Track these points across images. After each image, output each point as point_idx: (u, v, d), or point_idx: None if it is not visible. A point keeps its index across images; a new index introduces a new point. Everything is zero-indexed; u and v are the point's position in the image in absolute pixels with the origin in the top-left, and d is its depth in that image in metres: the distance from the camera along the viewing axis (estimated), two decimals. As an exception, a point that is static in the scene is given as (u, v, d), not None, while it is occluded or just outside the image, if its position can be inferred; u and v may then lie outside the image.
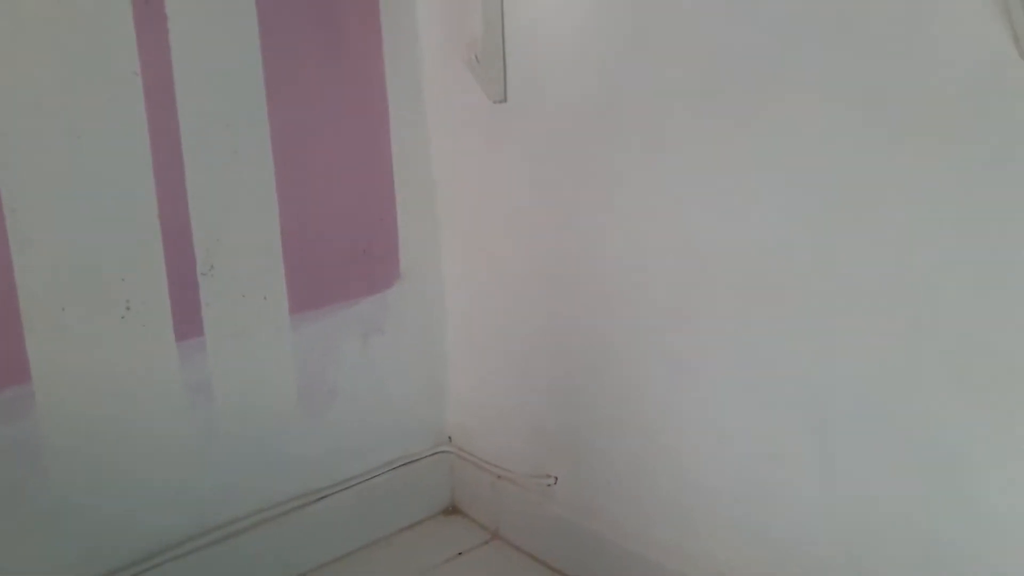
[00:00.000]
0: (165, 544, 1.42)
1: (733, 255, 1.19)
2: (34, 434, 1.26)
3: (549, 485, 1.56)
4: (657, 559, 1.38)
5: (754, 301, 1.18)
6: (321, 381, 1.59)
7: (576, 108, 1.37)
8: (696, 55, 1.18)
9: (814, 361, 1.12)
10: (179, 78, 1.34)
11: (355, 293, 1.62)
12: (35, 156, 1.22)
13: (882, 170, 1.00)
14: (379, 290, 1.66)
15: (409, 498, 1.73)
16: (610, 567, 1.46)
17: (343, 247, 1.60)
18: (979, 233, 0.93)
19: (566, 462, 1.53)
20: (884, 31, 0.97)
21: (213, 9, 1.37)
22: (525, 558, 1.60)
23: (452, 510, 1.79)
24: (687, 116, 1.21)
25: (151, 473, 1.39)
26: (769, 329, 1.17)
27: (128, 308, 1.33)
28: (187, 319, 1.40)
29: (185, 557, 1.42)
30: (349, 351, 1.62)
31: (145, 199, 1.33)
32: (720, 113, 1.16)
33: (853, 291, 1.06)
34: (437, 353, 1.77)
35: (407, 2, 1.62)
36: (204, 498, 1.45)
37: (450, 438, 1.81)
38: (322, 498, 1.60)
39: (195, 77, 1.36)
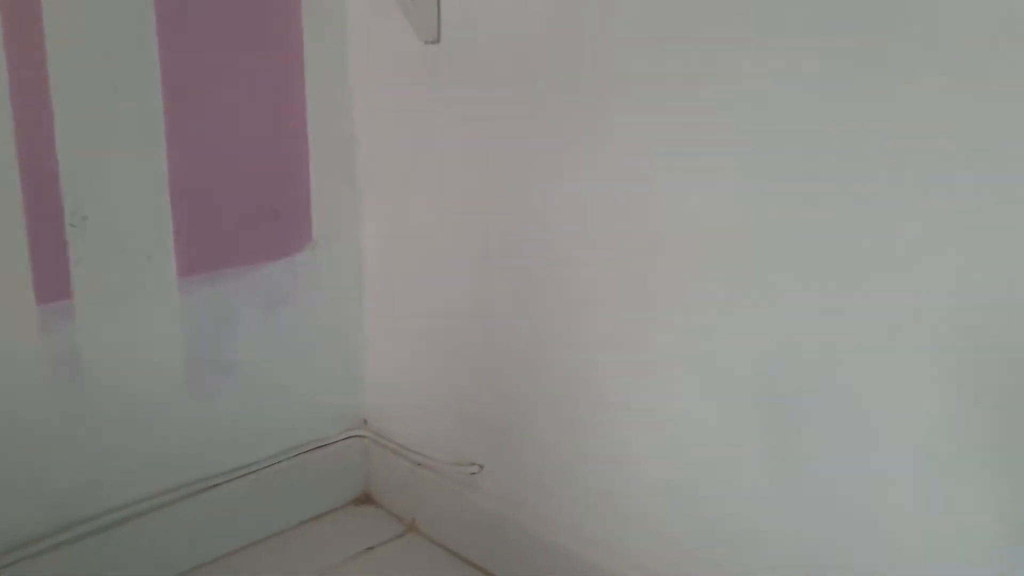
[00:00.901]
0: (16, 542, 1.21)
1: (688, 226, 1.07)
2: None
3: (473, 474, 1.42)
4: (589, 556, 1.25)
5: (711, 275, 1.06)
6: (214, 355, 1.39)
7: (517, 51, 1.22)
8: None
9: (771, 345, 1.02)
10: (45, -12, 1.13)
11: (259, 256, 1.43)
12: None
13: (848, 148, 0.90)
14: (287, 254, 1.47)
15: (316, 487, 1.56)
16: (536, 564, 1.33)
17: (246, 204, 1.40)
18: (953, 214, 0.84)
19: (493, 449, 1.40)
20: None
21: (89, -90, 1.16)
22: (443, 553, 1.46)
23: (365, 499, 1.62)
24: (646, 67, 1.07)
25: (2, 460, 1.18)
26: (724, 311, 1.06)
27: (-25, 262, 1.12)
28: (51, 278, 1.19)
29: (41, 556, 1.22)
30: (249, 322, 1.43)
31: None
32: (681, 59, 1.03)
33: (813, 273, 0.96)
34: (353, 327, 1.60)
35: (326, -78, 1.43)
36: (66, 489, 1.25)
37: (365, 421, 1.64)
38: (210, 487, 1.41)
39: (65, -11, 1.15)
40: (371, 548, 1.46)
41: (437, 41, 1.32)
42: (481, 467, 1.41)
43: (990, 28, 0.80)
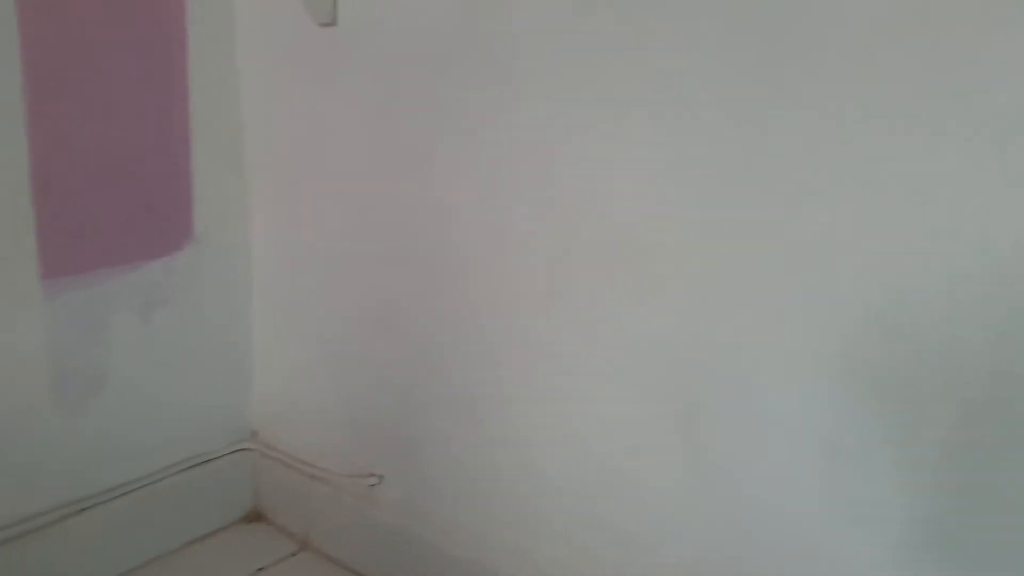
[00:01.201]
0: None
1: (598, 222, 1.05)
2: None
3: (372, 485, 1.36)
4: (497, 566, 1.22)
5: (619, 279, 1.05)
6: (84, 364, 1.28)
7: (422, 35, 1.17)
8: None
9: (682, 345, 1.01)
10: None
11: (134, 256, 1.32)
12: None
13: (768, 143, 0.90)
14: (166, 253, 1.36)
15: (202, 504, 1.46)
16: (441, 577, 1.27)
17: (119, 198, 1.29)
18: (859, 212, 0.86)
19: (393, 460, 1.35)
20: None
21: None
22: (340, 571, 1.39)
23: (255, 516, 1.53)
24: (555, 53, 1.04)
25: None
26: (633, 310, 1.05)
27: None
28: None
29: None
30: (123, 327, 1.32)
31: None
32: (596, 41, 1.00)
33: (725, 273, 0.96)
34: (239, 332, 1.50)
35: None
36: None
37: (255, 433, 1.54)
38: (83, 510, 1.29)
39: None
40: (262, 569, 1.38)
41: (333, 23, 1.26)
42: (380, 478, 1.36)
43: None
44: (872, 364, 0.88)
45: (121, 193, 1.29)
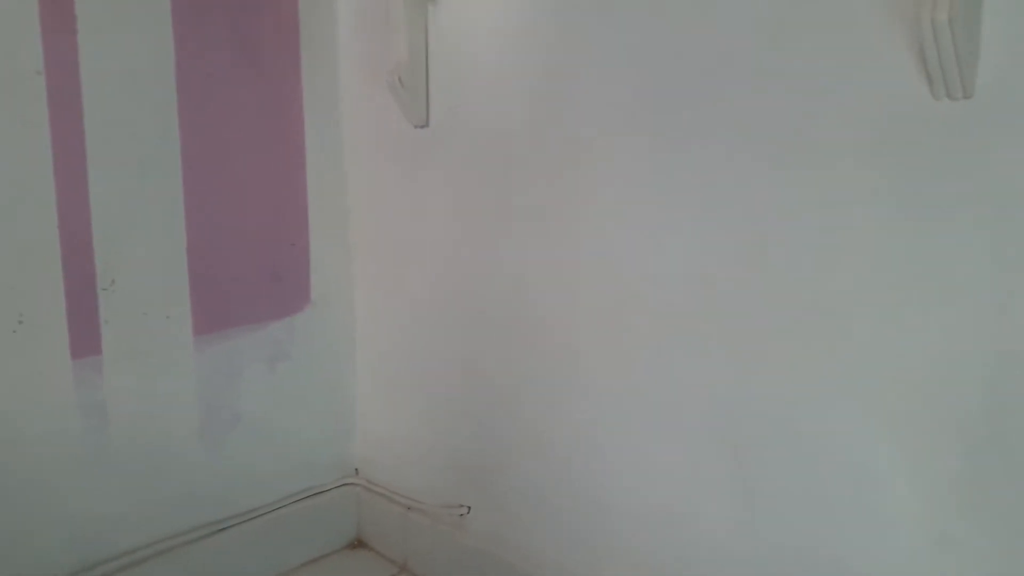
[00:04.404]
0: (44, 580, 1.30)
1: (652, 286, 1.21)
2: (-94, 453, 1.15)
3: (461, 515, 1.53)
4: None
5: (671, 330, 1.20)
6: (224, 407, 1.51)
7: (500, 136, 1.38)
8: (621, 88, 1.21)
9: (728, 387, 1.15)
10: (86, 81, 1.28)
11: (263, 316, 1.57)
12: (-77, 153, 1.14)
13: (803, 203, 1.04)
14: (288, 314, 1.61)
15: (313, 531, 1.66)
16: (522, 597, 1.43)
17: (253, 269, 1.55)
18: (888, 265, 0.98)
19: (479, 492, 1.51)
20: (806, 74, 1.02)
21: (126, 12, 1.32)
22: (435, 591, 1.56)
23: (358, 544, 1.73)
24: (611, 148, 1.23)
25: (35, 500, 1.28)
26: (685, 357, 1.19)
27: (20, 321, 1.24)
28: (84, 336, 1.31)
29: (67, 595, 1.31)
30: (254, 376, 1.56)
31: (44, 206, 1.26)
32: (644, 144, 1.19)
33: (766, 320, 1.09)
34: (346, 382, 1.73)
35: (327, 20, 1.61)
36: (92, 528, 1.35)
37: (357, 470, 1.75)
38: (221, 530, 1.51)
39: (103, 81, 1.30)
40: (367, 586, 1.57)
41: (426, 125, 1.49)
42: (469, 509, 1.53)
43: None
44: (893, 400, 1.00)
45: (255, 265, 1.54)
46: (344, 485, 1.72)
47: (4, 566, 1.26)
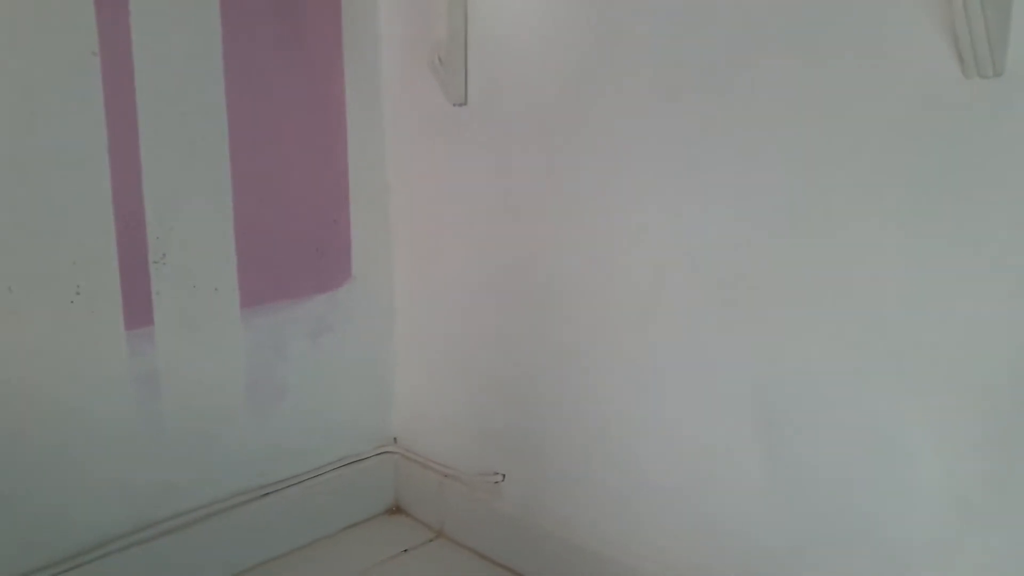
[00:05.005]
0: (103, 539, 1.37)
1: (686, 262, 1.24)
2: (-25, 417, 1.22)
3: (496, 483, 1.58)
4: (604, 552, 1.41)
5: (703, 305, 1.23)
6: (270, 377, 1.57)
7: (536, 113, 1.41)
8: (655, 64, 1.23)
9: (760, 361, 1.18)
10: (139, 62, 1.33)
11: (306, 291, 1.62)
12: (-12, 133, 1.20)
13: (835, 179, 1.06)
14: (330, 289, 1.66)
15: (353, 497, 1.72)
16: (556, 562, 1.48)
17: (297, 244, 1.60)
18: (924, 242, 1.00)
19: (513, 460, 1.56)
20: (839, 49, 1.03)
21: (176, -5, 1.37)
22: (470, 555, 1.62)
23: (396, 510, 1.79)
24: (647, 122, 1.26)
25: (92, 464, 1.35)
26: (717, 331, 1.22)
27: (78, 292, 1.30)
28: (137, 307, 1.38)
29: (123, 552, 1.38)
30: (298, 348, 1.62)
31: (99, 183, 1.31)
32: (679, 119, 1.22)
33: (799, 294, 1.12)
34: (385, 355, 1.78)
35: (369, 1, 1.65)
36: (146, 492, 1.42)
37: (395, 439, 1.81)
38: (266, 495, 1.58)
39: (155, 62, 1.35)
40: (406, 551, 1.62)
41: (464, 103, 1.52)
42: (503, 476, 1.58)
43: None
44: (924, 376, 1.04)
45: (298, 241, 1.60)
46: (383, 453, 1.77)
47: (66, 527, 1.33)
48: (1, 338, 1.24)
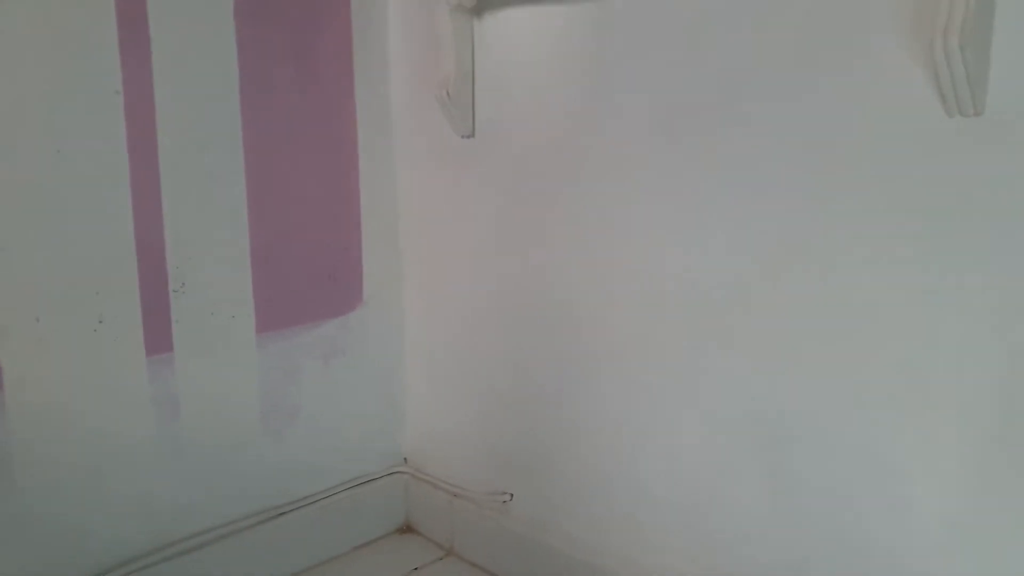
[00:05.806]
0: (124, 557, 1.42)
1: (686, 288, 1.28)
2: (4, 441, 1.27)
3: (505, 502, 1.62)
4: (611, 569, 1.44)
5: (704, 330, 1.27)
6: (283, 400, 1.62)
7: (541, 145, 1.46)
8: (655, 101, 1.28)
9: (759, 384, 1.21)
10: (160, 98, 1.39)
11: (320, 315, 1.67)
12: (15, 167, 1.25)
13: (827, 212, 1.11)
14: (342, 313, 1.71)
15: (365, 516, 1.76)
16: (564, 578, 1.52)
17: (310, 271, 1.65)
18: (912, 270, 1.04)
19: (522, 479, 1.60)
20: (826, 90, 1.08)
21: (195, 34, 1.42)
22: (480, 572, 1.65)
23: (406, 529, 1.83)
24: (646, 158, 1.30)
25: (115, 485, 1.40)
26: (718, 356, 1.26)
27: (101, 322, 1.35)
28: (157, 334, 1.43)
29: (143, 571, 1.42)
30: (311, 371, 1.66)
31: (121, 215, 1.37)
32: (675, 155, 1.26)
33: (799, 320, 1.16)
34: (395, 377, 1.82)
35: (379, 37, 1.70)
36: (165, 512, 1.47)
37: (406, 459, 1.85)
38: (280, 515, 1.62)
39: (175, 98, 1.41)
40: (417, 569, 1.66)
41: (472, 136, 1.57)
42: (512, 496, 1.61)
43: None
44: (918, 400, 1.08)
45: (312, 268, 1.64)
46: (393, 473, 1.82)
47: (87, 545, 1.38)
48: (28, 365, 1.29)
